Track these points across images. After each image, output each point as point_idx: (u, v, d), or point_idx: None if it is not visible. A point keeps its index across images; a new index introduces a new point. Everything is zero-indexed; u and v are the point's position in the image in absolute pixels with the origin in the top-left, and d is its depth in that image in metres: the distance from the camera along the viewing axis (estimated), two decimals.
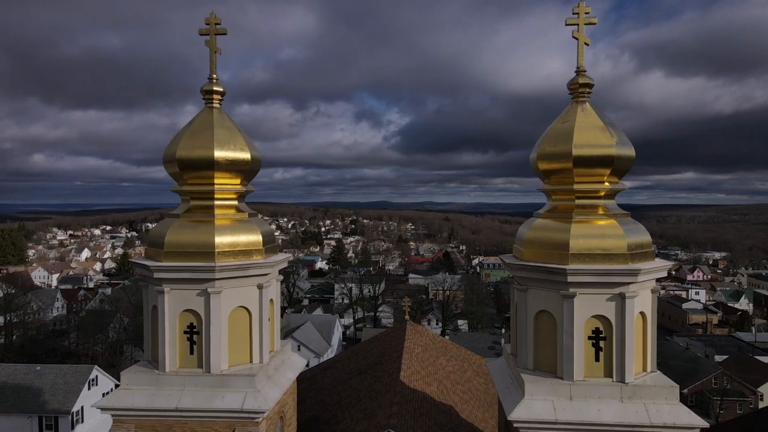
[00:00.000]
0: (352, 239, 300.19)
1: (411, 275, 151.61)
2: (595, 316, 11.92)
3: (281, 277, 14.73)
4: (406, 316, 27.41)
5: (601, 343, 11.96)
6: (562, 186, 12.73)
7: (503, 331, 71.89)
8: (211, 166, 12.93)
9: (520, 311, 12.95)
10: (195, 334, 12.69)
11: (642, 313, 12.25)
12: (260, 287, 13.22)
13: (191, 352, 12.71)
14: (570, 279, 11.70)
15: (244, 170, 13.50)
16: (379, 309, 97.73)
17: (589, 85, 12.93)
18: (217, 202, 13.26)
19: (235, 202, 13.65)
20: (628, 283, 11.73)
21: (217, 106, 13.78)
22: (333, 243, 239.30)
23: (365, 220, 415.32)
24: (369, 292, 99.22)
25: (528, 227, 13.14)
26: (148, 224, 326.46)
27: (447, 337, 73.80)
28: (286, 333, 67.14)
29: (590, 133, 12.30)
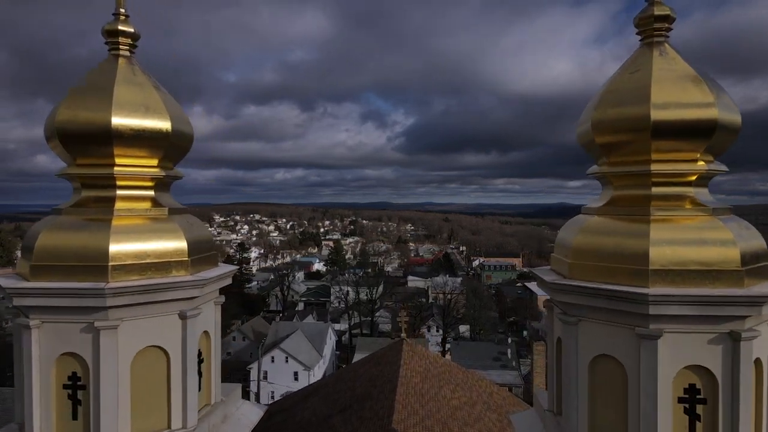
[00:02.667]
0: (351, 240, 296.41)
1: (410, 277, 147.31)
2: (689, 367, 7.70)
3: (222, 299, 10.50)
4: (403, 334, 23.22)
5: (699, 408, 7.74)
6: (631, 168, 8.51)
7: (509, 340, 67.57)
8: (109, 138, 8.72)
9: (566, 352, 8.75)
10: (79, 389, 8.46)
11: (758, 361, 8.03)
12: (183, 317, 8.99)
13: (74, 417, 8.48)
14: (653, 310, 7.49)
15: (163, 146, 9.29)
16: (377, 314, 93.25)
17: (669, 19, 8.72)
18: (120, 192, 9.05)
19: (150, 193, 9.43)
20: (744, 317, 7.51)
21: (126, 53, 9.55)
22: (331, 244, 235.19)
23: (364, 221, 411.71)
24: (366, 295, 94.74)
25: (577, 229, 8.92)
26: None
27: (448, 345, 69.50)
28: (274, 343, 62.66)
29: (677, 87, 8.10)
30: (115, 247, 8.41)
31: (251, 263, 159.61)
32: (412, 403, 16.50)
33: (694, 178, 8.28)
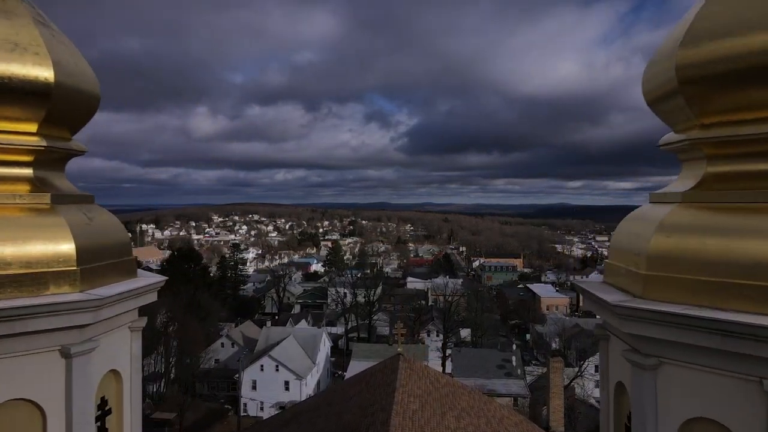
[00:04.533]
0: (350, 240, 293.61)
1: (410, 279, 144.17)
2: None
3: (143, 323, 7.58)
4: (399, 348, 20.30)
5: None
6: (741, 130, 5.60)
7: (514, 347, 64.57)
8: None
9: (637, 407, 5.84)
10: None
11: None
12: (67, 355, 6.07)
13: None
14: None
15: (43, 104, 6.36)
16: (375, 317, 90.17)
17: None
18: None
19: (27, 172, 6.52)
20: None
21: None
22: (330, 244, 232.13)
23: (364, 221, 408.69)
24: (364, 297, 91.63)
25: (654, 225, 5.99)
26: (143, 225, 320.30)
27: (449, 352, 66.47)
28: (264, 350, 59.35)
29: None
30: None
31: (248, 264, 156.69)
32: None
33: None
